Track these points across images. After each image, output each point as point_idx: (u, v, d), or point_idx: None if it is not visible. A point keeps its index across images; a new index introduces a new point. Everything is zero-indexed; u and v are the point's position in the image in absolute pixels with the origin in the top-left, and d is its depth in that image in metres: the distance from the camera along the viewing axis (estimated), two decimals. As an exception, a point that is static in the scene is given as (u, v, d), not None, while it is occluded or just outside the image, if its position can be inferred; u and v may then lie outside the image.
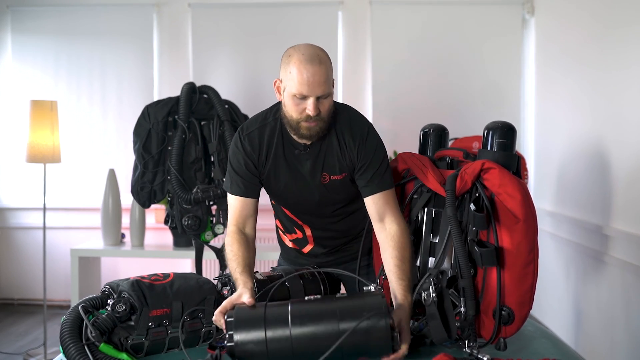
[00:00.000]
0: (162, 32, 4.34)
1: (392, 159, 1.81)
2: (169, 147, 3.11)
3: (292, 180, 1.77)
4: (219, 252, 3.24)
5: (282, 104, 1.71)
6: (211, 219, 3.19)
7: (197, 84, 3.32)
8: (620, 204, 2.79)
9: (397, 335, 1.34)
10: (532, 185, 4.03)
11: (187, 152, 3.12)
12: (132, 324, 1.45)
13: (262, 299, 1.54)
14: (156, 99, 3.95)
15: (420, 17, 4.22)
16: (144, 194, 3.17)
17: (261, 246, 3.83)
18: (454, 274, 1.57)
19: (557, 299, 3.57)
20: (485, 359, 1.43)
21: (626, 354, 2.69)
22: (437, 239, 1.64)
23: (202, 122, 3.17)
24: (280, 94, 1.70)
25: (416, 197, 1.71)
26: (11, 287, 4.51)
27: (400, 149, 2.00)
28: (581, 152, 3.25)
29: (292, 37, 4.55)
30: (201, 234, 3.18)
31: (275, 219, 2.04)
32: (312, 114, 1.62)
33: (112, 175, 3.58)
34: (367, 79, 4.23)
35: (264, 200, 1.87)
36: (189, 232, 3.14)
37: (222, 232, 3.22)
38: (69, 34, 4.36)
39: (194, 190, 3.10)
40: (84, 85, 4.36)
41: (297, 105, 1.63)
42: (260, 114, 1.81)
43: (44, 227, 3.58)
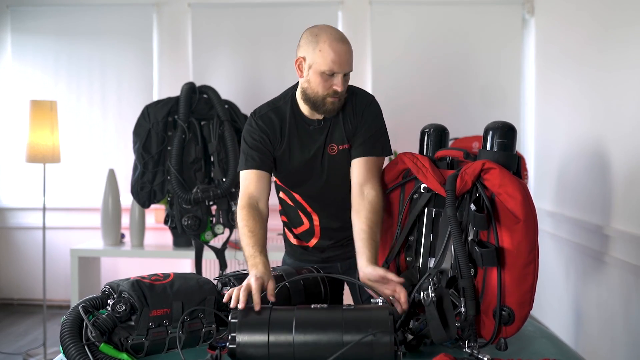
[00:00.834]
0: (162, 32, 4.34)
1: (392, 159, 1.82)
2: (169, 147, 3.11)
3: (304, 157, 1.83)
4: (219, 252, 3.25)
5: (301, 83, 1.79)
6: (211, 219, 3.19)
7: (197, 84, 3.33)
8: (620, 204, 2.79)
9: (401, 354, 1.35)
10: (532, 185, 4.03)
11: (187, 152, 3.12)
12: (132, 324, 1.44)
13: (264, 301, 1.55)
14: (156, 99, 3.95)
15: (420, 17, 4.22)
16: (144, 194, 3.17)
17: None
18: (454, 274, 1.57)
19: (557, 299, 3.57)
20: (485, 359, 1.43)
21: (626, 354, 2.69)
22: (437, 239, 1.64)
23: (202, 122, 3.17)
24: (302, 72, 1.77)
25: (416, 197, 1.70)
26: (11, 287, 4.51)
27: (400, 149, 2.00)
28: (581, 152, 3.25)
29: (292, 37, 4.54)
30: (201, 234, 3.18)
31: (280, 215, 2.05)
32: (340, 89, 1.75)
33: (111, 175, 3.58)
34: (367, 79, 4.22)
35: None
36: (188, 232, 3.14)
37: (222, 232, 3.23)
38: (69, 34, 4.36)
39: (194, 190, 3.10)
40: (84, 85, 4.36)
41: (326, 81, 1.74)
42: (269, 101, 1.90)
43: (44, 227, 3.58)
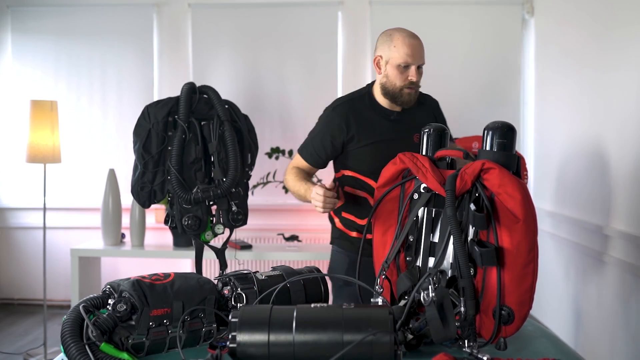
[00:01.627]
0: (162, 32, 4.34)
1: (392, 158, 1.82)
2: (169, 147, 3.11)
3: (383, 142, 2.05)
4: (219, 252, 3.25)
5: (379, 79, 2.06)
6: (211, 219, 3.19)
7: (197, 84, 3.31)
8: (620, 204, 2.79)
9: (400, 353, 1.35)
10: (532, 185, 4.03)
11: (187, 152, 3.12)
12: (133, 323, 1.45)
13: (265, 300, 1.55)
14: (156, 99, 3.95)
15: (420, 17, 4.22)
16: (144, 194, 3.16)
17: (261, 246, 3.85)
18: (453, 273, 1.57)
19: (557, 298, 3.57)
20: (485, 358, 1.43)
21: (626, 354, 2.70)
22: (437, 239, 1.64)
23: (202, 122, 3.17)
24: (380, 69, 2.05)
25: (416, 197, 1.71)
26: (11, 287, 4.52)
27: (400, 149, 2.03)
28: (581, 152, 3.25)
29: (292, 37, 4.59)
30: (201, 234, 3.17)
31: (338, 215, 2.20)
32: (414, 79, 2.00)
33: (112, 175, 3.58)
34: (367, 79, 4.22)
35: (265, 200, 1.87)
36: (189, 232, 3.14)
37: (222, 232, 3.22)
38: (69, 34, 4.36)
39: (194, 190, 3.10)
40: (84, 85, 4.36)
41: (402, 73, 2.00)
42: (342, 96, 2.16)
43: (44, 227, 3.58)
